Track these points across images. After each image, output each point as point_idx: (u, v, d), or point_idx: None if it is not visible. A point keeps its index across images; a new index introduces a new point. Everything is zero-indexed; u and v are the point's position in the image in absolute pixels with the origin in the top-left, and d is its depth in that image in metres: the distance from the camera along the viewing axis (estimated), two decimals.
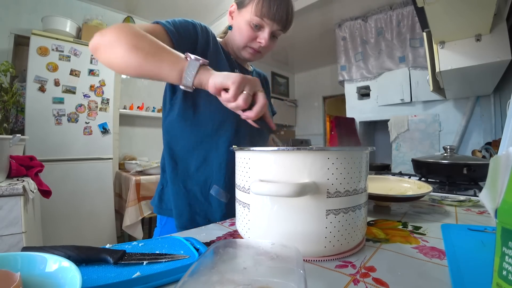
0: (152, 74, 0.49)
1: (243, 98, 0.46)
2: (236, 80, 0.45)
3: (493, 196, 0.21)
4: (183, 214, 0.65)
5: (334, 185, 0.36)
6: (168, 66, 0.48)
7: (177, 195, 0.66)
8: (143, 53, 0.47)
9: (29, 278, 0.25)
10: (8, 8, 2.10)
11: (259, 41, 0.68)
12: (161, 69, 0.48)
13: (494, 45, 1.13)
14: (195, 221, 0.65)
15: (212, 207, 0.68)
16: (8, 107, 1.88)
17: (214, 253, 0.29)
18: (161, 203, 0.71)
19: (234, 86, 0.45)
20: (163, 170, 0.73)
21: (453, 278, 0.31)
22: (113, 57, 0.49)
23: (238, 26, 0.69)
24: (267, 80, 0.93)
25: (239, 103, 0.46)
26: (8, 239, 1.04)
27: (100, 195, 2.22)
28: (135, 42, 0.47)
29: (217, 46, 0.71)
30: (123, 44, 0.47)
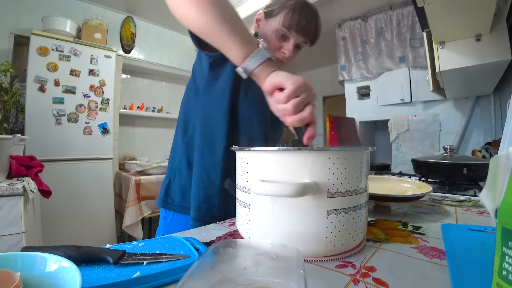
0: (219, 42, 0.47)
1: (295, 103, 0.43)
2: (296, 82, 0.43)
3: (493, 196, 0.21)
4: (202, 206, 0.63)
5: (334, 185, 0.36)
6: (238, 43, 0.45)
7: (198, 186, 0.64)
8: (218, 20, 0.45)
9: (29, 278, 0.25)
10: (8, 8, 2.10)
11: (283, 51, 0.68)
12: (230, 42, 0.45)
13: (494, 45, 1.13)
14: (213, 214, 0.63)
15: (227, 200, 0.66)
16: (8, 107, 1.88)
17: (214, 253, 0.29)
18: (167, 198, 0.69)
19: (292, 87, 0.43)
20: (174, 160, 0.70)
21: (453, 278, 0.31)
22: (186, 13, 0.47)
23: (264, 35, 0.69)
24: None
25: (289, 107, 0.43)
26: (8, 239, 1.04)
27: (100, 195, 2.22)
28: (213, 6, 0.45)
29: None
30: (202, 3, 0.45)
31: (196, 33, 0.49)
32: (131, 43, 2.81)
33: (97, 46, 2.23)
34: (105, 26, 2.39)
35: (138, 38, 2.86)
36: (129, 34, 2.80)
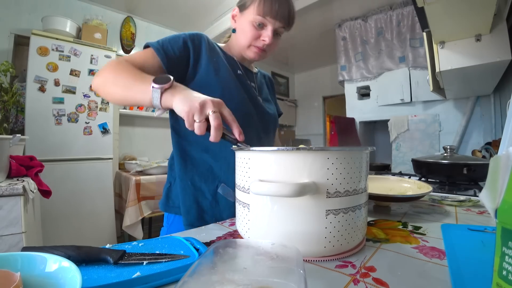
0: (133, 103, 0.56)
1: (197, 128, 0.47)
2: (185, 111, 0.47)
3: (493, 196, 0.21)
4: (191, 211, 0.65)
5: (334, 185, 0.36)
6: (141, 95, 0.53)
7: (185, 192, 0.67)
8: (122, 89, 0.56)
9: (29, 278, 0.25)
10: (8, 8, 2.10)
11: (263, 39, 0.70)
12: (137, 99, 0.54)
13: (494, 45, 1.13)
14: (203, 219, 0.65)
15: (219, 206, 0.68)
16: (8, 107, 1.88)
17: (214, 253, 0.29)
18: (168, 200, 0.71)
19: (185, 117, 0.47)
20: (171, 167, 0.73)
21: (453, 278, 0.31)
22: (106, 95, 0.59)
23: (242, 27, 0.72)
24: (272, 80, 0.96)
25: (197, 132, 0.47)
26: (8, 239, 1.04)
27: (100, 195, 2.22)
28: (115, 80, 0.56)
29: (215, 51, 0.72)
30: (108, 83, 0.57)
31: (122, 104, 0.60)
32: (131, 43, 2.81)
33: (97, 46, 2.23)
34: (105, 26, 2.39)
35: (138, 38, 2.86)
36: (129, 34, 2.80)
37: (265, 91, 0.88)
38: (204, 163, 0.69)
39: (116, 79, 0.57)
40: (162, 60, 0.63)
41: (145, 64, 0.62)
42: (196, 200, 0.67)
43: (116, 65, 0.58)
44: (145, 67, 0.62)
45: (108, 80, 0.57)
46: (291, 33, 0.78)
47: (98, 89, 0.59)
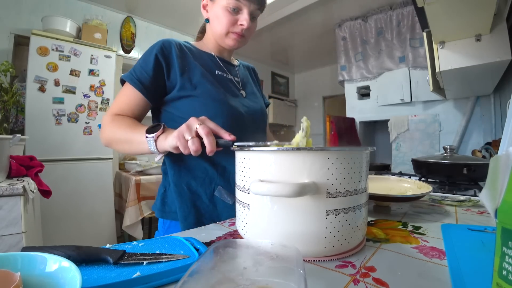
0: (140, 153, 0.63)
1: (192, 144, 0.49)
2: (175, 137, 0.50)
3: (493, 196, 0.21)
4: (189, 216, 0.64)
5: (334, 185, 0.36)
6: (141, 146, 0.58)
7: (181, 198, 0.66)
8: (126, 145, 0.62)
9: (29, 278, 0.25)
10: (8, 8, 2.10)
11: (240, 23, 0.68)
12: (139, 150, 0.60)
13: (494, 45, 1.13)
14: (201, 223, 0.64)
15: (217, 209, 0.67)
16: (8, 107, 1.88)
17: (214, 253, 0.29)
18: (164, 206, 0.70)
19: (179, 143, 0.50)
20: (165, 172, 0.72)
21: (453, 278, 0.31)
22: (119, 151, 0.68)
23: (216, 15, 0.69)
24: (256, 71, 0.93)
25: (193, 149, 0.50)
26: (8, 239, 1.04)
27: (100, 195, 2.22)
28: (117, 140, 0.63)
29: (186, 57, 0.69)
30: (113, 143, 0.65)
31: (130, 153, 0.68)
32: (131, 43, 2.81)
33: (97, 46, 2.23)
34: (105, 26, 2.39)
35: (138, 38, 2.86)
36: (129, 34, 2.80)
37: (250, 84, 0.85)
38: (199, 167, 0.68)
39: (116, 139, 0.63)
40: (142, 92, 0.64)
41: (132, 107, 0.65)
42: (193, 205, 0.66)
43: (110, 124, 0.63)
44: (134, 110, 0.66)
45: (112, 141, 0.64)
46: (291, 33, 0.78)
47: (110, 147, 0.67)
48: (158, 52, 0.65)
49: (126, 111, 0.65)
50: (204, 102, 0.66)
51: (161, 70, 0.66)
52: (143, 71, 0.64)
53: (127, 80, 0.65)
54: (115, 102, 0.67)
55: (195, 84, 0.66)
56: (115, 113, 0.65)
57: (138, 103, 0.65)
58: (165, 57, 0.66)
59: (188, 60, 0.69)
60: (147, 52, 0.67)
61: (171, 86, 0.67)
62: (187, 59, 0.69)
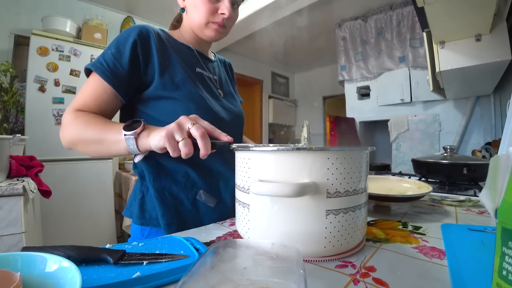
0: (110, 156, 0.55)
1: (183, 146, 0.44)
2: (163, 136, 0.44)
3: (493, 196, 0.21)
4: (172, 224, 0.59)
5: (334, 185, 0.36)
6: (115, 147, 0.51)
7: (164, 205, 0.60)
8: (94, 146, 0.53)
9: (29, 278, 0.25)
10: (8, 8, 2.10)
11: (221, 12, 0.62)
12: (112, 151, 0.52)
13: (494, 45, 1.13)
14: (185, 229, 0.59)
15: (199, 213, 0.63)
16: (8, 107, 1.88)
17: (214, 253, 0.29)
18: (144, 213, 0.62)
19: (167, 144, 0.44)
20: (141, 176, 0.65)
21: (453, 278, 0.31)
22: (83, 152, 0.56)
23: (194, 4, 0.63)
24: (231, 66, 0.88)
25: (185, 152, 0.45)
26: (8, 239, 1.04)
27: (100, 195, 2.22)
28: (83, 140, 0.53)
29: (165, 49, 0.62)
30: (78, 144, 0.54)
31: (99, 156, 0.57)
32: None
33: (97, 46, 2.23)
34: (105, 26, 2.39)
35: None
36: None
37: (227, 83, 0.79)
38: (179, 171, 0.63)
39: (83, 139, 0.53)
40: (113, 86, 0.55)
41: (100, 103, 0.56)
42: (176, 211, 0.61)
43: (73, 122, 0.53)
44: (101, 107, 0.56)
45: (77, 141, 0.54)
46: (291, 33, 0.78)
47: (72, 148, 0.56)
48: (135, 42, 0.57)
49: (92, 107, 0.56)
50: (186, 106, 0.60)
51: (138, 63, 0.57)
52: (116, 63, 0.55)
53: (95, 71, 0.55)
54: (78, 97, 0.56)
55: (177, 84, 0.60)
56: (78, 109, 0.55)
57: (108, 99, 0.56)
58: (143, 49, 0.58)
59: (168, 53, 0.62)
60: (120, 40, 0.57)
61: (147, 81, 0.59)
62: (167, 52, 0.62)
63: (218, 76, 0.75)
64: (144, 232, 0.63)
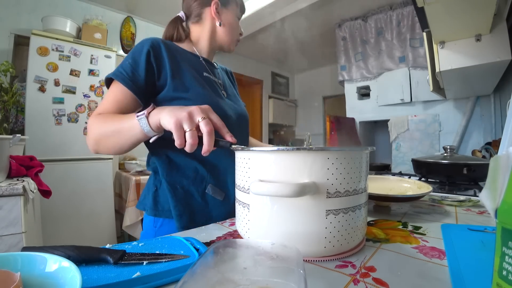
0: (131, 144, 0.57)
1: (189, 137, 0.45)
2: (172, 122, 0.45)
3: (493, 196, 0.21)
4: (183, 215, 0.65)
5: (334, 185, 0.36)
6: (132, 132, 0.53)
7: (176, 197, 0.65)
8: (114, 138, 0.56)
9: (29, 278, 0.25)
10: (8, 8, 2.10)
11: (240, 32, 0.80)
12: (131, 138, 0.55)
13: (494, 45, 1.13)
14: (195, 221, 0.65)
15: (209, 206, 0.68)
16: (8, 107, 1.88)
17: (214, 253, 0.29)
18: (157, 205, 0.68)
19: (174, 130, 0.45)
20: (154, 171, 0.71)
21: (453, 278, 0.31)
22: (107, 151, 0.59)
23: (229, 22, 0.77)
24: (232, 74, 0.95)
25: (190, 143, 0.45)
26: (8, 239, 1.04)
27: (100, 195, 2.22)
28: (104, 135, 0.57)
29: (175, 57, 0.68)
30: (101, 141, 0.58)
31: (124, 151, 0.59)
32: (131, 43, 2.81)
33: (97, 46, 2.23)
34: (105, 26, 2.39)
35: (138, 38, 2.86)
36: (129, 34, 2.80)
37: (230, 87, 0.86)
38: (189, 166, 0.68)
39: (104, 133, 0.57)
40: (133, 91, 0.61)
41: (121, 107, 0.61)
42: (187, 204, 0.66)
43: (95, 122, 0.58)
44: (122, 110, 0.61)
45: (100, 138, 0.58)
46: (291, 33, 0.81)
47: (98, 151, 0.60)
48: (148, 52, 0.64)
49: (113, 111, 0.61)
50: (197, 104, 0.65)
51: (152, 71, 0.64)
52: (134, 71, 0.62)
53: (117, 79, 0.61)
54: (101, 104, 0.63)
55: (187, 86, 0.66)
56: (100, 114, 0.61)
57: (128, 103, 0.62)
58: (156, 57, 0.65)
59: (178, 60, 0.69)
60: (136, 51, 0.64)
61: (161, 85, 0.66)
62: (176, 59, 0.69)
63: (222, 81, 0.82)
64: (157, 223, 0.68)
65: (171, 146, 0.64)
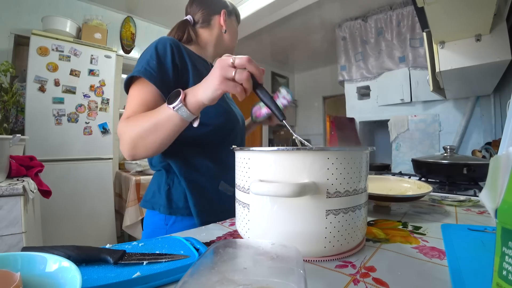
0: (172, 136, 0.54)
1: (240, 77, 0.46)
2: (218, 83, 0.46)
3: (493, 196, 0.21)
4: (204, 210, 0.66)
5: (334, 185, 0.36)
6: (171, 124, 0.52)
7: (197, 194, 0.67)
8: (153, 136, 0.53)
9: (29, 278, 0.25)
10: (8, 8, 2.10)
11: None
12: (172, 130, 0.53)
13: (494, 45, 1.13)
14: (214, 216, 0.64)
15: (222, 200, 0.71)
16: (8, 107, 1.88)
17: (214, 253, 0.29)
18: (171, 203, 0.68)
19: (225, 87, 0.46)
20: (166, 170, 0.71)
21: (453, 278, 0.31)
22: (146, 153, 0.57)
23: (233, 31, 0.84)
24: None
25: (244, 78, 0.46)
26: (8, 239, 1.04)
27: (100, 195, 2.22)
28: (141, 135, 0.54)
29: (191, 58, 0.70)
30: (138, 143, 0.55)
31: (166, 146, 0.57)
32: (131, 43, 2.81)
33: (97, 46, 2.23)
34: (105, 26, 2.39)
35: (138, 38, 2.86)
36: (129, 34, 2.80)
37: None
38: (202, 165, 0.71)
39: (140, 133, 0.54)
40: (163, 91, 0.59)
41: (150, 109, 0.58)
42: (207, 199, 0.69)
43: (126, 125, 0.56)
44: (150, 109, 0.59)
45: (137, 140, 0.54)
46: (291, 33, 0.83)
47: (135, 155, 0.57)
48: (173, 53, 0.64)
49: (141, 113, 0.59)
50: (216, 106, 0.64)
51: (177, 72, 0.64)
52: (163, 71, 0.61)
53: (147, 78, 0.58)
54: (127, 108, 0.60)
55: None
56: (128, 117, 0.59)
57: (158, 105, 0.58)
58: (180, 60, 0.66)
59: (195, 64, 0.70)
60: (160, 51, 0.63)
61: (182, 86, 0.64)
62: (194, 63, 0.70)
63: None
64: (169, 221, 0.68)
65: (186, 145, 0.68)
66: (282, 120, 0.50)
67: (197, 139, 0.69)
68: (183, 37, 0.78)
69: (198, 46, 0.80)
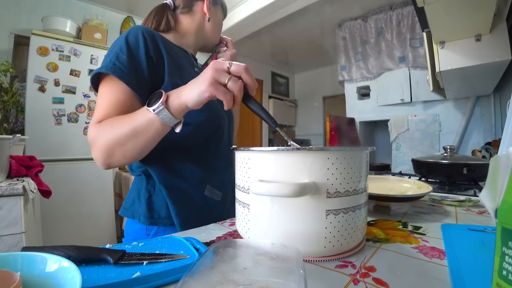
0: (152, 141, 0.49)
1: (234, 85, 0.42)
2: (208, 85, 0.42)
3: (493, 196, 0.21)
4: (188, 219, 0.60)
5: (334, 185, 0.36)
6: (152, 129, 0.47)
7: (178, 202, 0.60)
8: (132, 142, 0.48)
9: (29, 278, 0.25)
10: (8, 8, 2.10)
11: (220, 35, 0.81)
12: (152, 135, 0.48)
13: (494, 45, 1.13)
14: (201, 223, 0.60)
15: (209, 206, 0.66)
16: (8, 107, 1.88)
17: (214, 253, 0.29)
18: (152, 213, 0.61)
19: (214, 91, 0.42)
20: (146, 175, 0.64)
21: (453, 278, 0.31)
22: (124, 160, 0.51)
23: (218, 22, 0.77)
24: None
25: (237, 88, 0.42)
26: (8, 239, 1.04)
27: (100, 195, 2.22)
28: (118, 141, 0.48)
29: (170, 50, 0.62)
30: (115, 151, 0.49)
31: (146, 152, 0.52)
32: None
33: (97, 46, 2.23)
34: (105, 26, 2.39)
35: None
36: None
37: None
38: (188, 171, 0.64)
39: (116, 140, 0.48)
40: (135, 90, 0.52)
41: (123, 110, 0.52)
42: (191, 207, 0.62)
43: (99, 131, 0.50)
44: (124, 113, 0.52)
45: (113, 146, 0.49)
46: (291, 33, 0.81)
47: (111, 164, 0.51)
48: (146, 46, 0.56)
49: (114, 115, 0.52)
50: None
51: (152, 67, 0.57)
52: (135, 67, 0.54)
53: (116, 76, 0.51)
54: (97, 110, 0.53)
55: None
56: (100, 121, 0.52)
57: (132, 105, 0.53)
58: (155, 52, 0.58)
59: (173, 56, 0.62)
60: (132, 43, 0.55)
61: (157, 81, 0.58)
62: (170, 53, 0.62)
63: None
64: (150, 231, 0.62)
65: (166, 149, 0.61)
66: (275, 127, 0.47)
67: (178, 142, 0.61)
68: (160, 23, 0.70)
69: (177, 34, 0.72)
